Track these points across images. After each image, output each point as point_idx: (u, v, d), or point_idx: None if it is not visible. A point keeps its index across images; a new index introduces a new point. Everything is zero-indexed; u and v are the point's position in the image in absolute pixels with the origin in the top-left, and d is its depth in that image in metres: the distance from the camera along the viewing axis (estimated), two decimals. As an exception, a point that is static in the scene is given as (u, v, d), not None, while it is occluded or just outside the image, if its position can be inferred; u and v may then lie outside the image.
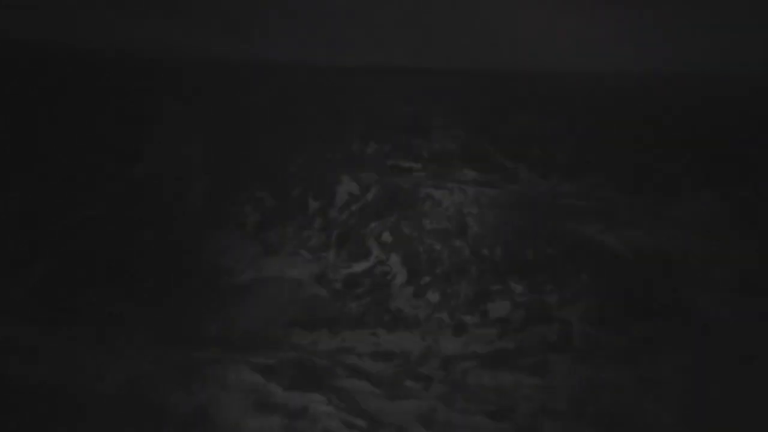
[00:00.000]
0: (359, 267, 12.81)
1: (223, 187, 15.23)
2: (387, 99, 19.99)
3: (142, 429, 4.33)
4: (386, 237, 13.70)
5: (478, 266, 12.41)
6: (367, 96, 20.40)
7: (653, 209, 14.25)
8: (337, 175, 15.53)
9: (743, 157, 14.63)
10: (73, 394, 5.48)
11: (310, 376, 7.79)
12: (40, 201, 14.20)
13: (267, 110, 19.31)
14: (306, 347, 9.56)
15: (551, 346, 9.90)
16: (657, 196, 14.70)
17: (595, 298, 10.82)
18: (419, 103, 19.71)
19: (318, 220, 14.60)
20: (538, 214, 13.63)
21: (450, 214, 14.12)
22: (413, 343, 10.22)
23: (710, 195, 14.56)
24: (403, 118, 18.56)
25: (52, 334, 7.72)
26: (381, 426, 6.48)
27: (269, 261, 12.74)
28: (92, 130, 16.42)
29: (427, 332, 10.65)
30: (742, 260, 11.59)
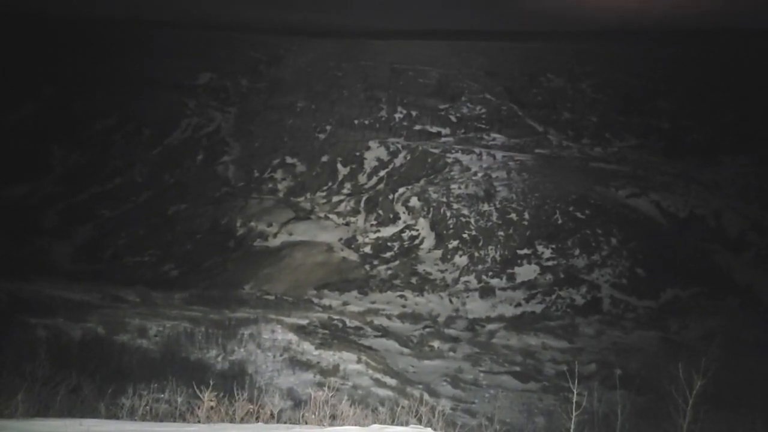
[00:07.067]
0: (388, 231, 13.00)
1: (255, 154, 15.45)
2: (415, 63, 19.86)
3: (183, 382, 4.59)
4: (414, 202, 13.83)
5: (505, 230, 12.47)
6: (395, 60, 20.29)
7: (687, 173, 14.03)
8: (365, 141, 15.61)
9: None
10: (119, 348, 5.79)
11: (341, 335, 8.04)
12: (81, 168, 14.64)
13: (295, 77, 19.38)
14: (336, 308, 9.82)
15: (578, 310, 9.98)
16: (691, 160, 14.45)
17: (625, 262, 10.81)
18: (447, 67, 19.54)
19: (347, 185, 14.78)
20: (568, 178, 13.55)
21: (478, 178, 14.15)
22: (441, 305, 10.41)
23: (746, 158, 14.27)
24: (431, 83, 18.44)
25: (97, 293, 8.10)
26: (409, 383, 6.69)
27: (300, 225, 12.99)
28: (130, 98, 16.73)
29: (454, 295, 10.83)
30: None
